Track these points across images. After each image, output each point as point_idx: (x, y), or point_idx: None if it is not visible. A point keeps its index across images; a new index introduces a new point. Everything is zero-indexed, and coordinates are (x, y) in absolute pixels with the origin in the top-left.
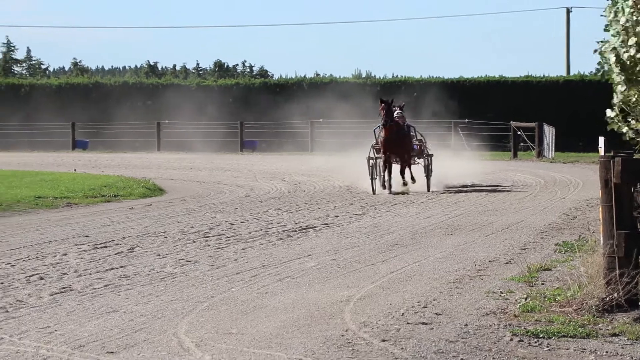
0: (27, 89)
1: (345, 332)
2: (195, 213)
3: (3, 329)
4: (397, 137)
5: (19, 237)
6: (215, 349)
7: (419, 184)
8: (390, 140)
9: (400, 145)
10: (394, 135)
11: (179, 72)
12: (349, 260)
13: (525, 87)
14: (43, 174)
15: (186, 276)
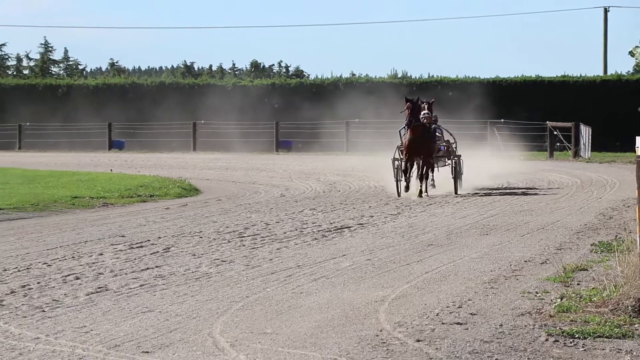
0: (64, 90)
1: (380, 332)
2: (231, 213)
3: (39, 329)
4: (422, 139)
5: (55, 236)
6: (250, 348)
7: (446, 187)
8: (414, 142)
9: (424, 147)
10: (419, 137)
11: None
12: (384, 261)
13: (562, 87)
14: (80, 174)
15: (221, 276)
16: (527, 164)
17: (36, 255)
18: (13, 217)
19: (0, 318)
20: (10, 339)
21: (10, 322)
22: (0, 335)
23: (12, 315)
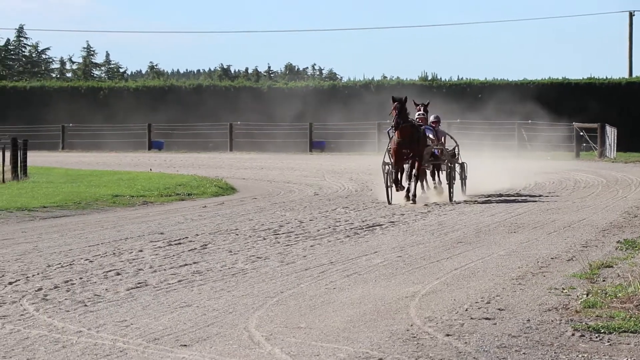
0: (105, 92)
1: (411, 327)
2: (266, 211)
3: (82, 322)
4: (411, 141)
5: (97, 234)
6: (284, 342)
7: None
8: (402, 144)
9: (413, 150)
10: (408, 139)
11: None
12: (414, 257)
13: (588, 89)
14: (120, 174)
15: (257, 272)
16: (554, 164)
17: (79, 251)
18: (57, 214)
19: (45, 312)
20: (53, 332)
21: (53, 316)
22: (45, 328)
23: (56, 310)
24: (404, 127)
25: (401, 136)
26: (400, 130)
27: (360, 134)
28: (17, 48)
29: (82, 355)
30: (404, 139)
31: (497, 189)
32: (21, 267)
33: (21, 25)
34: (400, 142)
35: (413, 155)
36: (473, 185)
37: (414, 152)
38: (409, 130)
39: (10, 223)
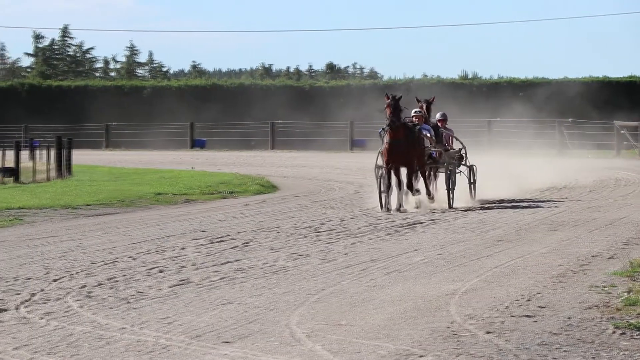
0: (149, 91)
1: (451, 324)
2: (307, 209)
3: (125, 319)
4: (405, 142)
5: (140, 231)
6: (325, 339)
7: (464, 199)
8: (395, 146)
9: (407, 152)
10: (402, 140)
11: (292, 73)
12: (455, 255)
13: (629, 87)
14: (163, 172)
15: (298, 270)
16: (595, 162)
17: (122, 249)
18: (100, 212)
19: (89, 309)
20: (97, 329)
21: (97, 313)
22: (89, 325)
23: (100, 306)
24: (397, 126)
25: (394, 137)
26: (393, 130)
27: None
28: (61, 48)
29: (125, 352)
30: (397, 139)
31: (537, 187)
32: (65, 265)
33: (66, 25)
34: (393, 143)
35: (408, 158)
36: (514, 183)
37: (410, 155)
38: (402, 130)
39: (55, 221)
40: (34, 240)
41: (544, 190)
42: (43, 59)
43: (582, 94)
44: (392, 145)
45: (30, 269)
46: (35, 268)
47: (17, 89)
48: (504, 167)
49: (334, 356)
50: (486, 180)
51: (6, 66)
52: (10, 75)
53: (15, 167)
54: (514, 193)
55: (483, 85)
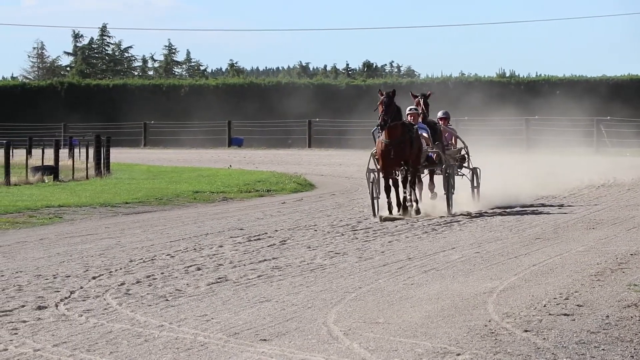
0: (186, 90)
1: (489, 323)
2: (344, 207)
3: (163, 317)
4: (402, 143)
5: (178, 229)
6: (362, 337)
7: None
8: (391, 147)
9: (404, 154)
10: (397, 141)
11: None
12: (492, 253)
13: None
14: (201, 170)
15: (335, 268)
16: (633, 160)
17: (160, 247)
18: (139, 210)
19: (127, 306)
20: (136, 326)
21: (136, 310)
22: (127, 322)
23: (138, 304)
24: (393, 126)
25: (389, 137)
26: (388, 130)
27: None
28: (100, 47)
29: (163, 349)
30: (393, 140)
31: (575, 185)
32: (104, 262)
33: (104, 24)
34: (388, 144)
35: (406, 161)
36: (551, 182)
37: (407, 157)
38: (400, 130)
39: (94, 219)
40: (73, 238)
41: (582, 189)
42: (82, 57)
43: (621, 91)
44: (386, 146)
45: (69, 267)
46: (74, 266)
47: (56, 87)
48: (541, 165)
49: (371, 354)
50: (523, 179)
51: (46, 65)
52: (49, 74)
53: (54, 166)
54: (552, 191)
55: (521, 84)
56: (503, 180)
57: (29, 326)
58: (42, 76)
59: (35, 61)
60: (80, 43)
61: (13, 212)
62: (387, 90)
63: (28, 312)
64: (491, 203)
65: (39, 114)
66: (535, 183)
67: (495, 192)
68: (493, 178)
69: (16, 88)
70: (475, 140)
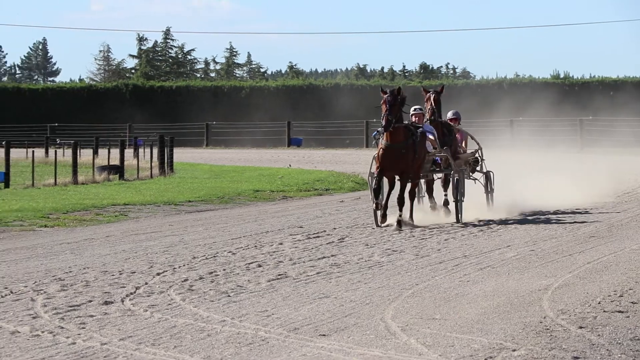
0: (247, 91)
1: (544, 319)
2: None
3: (225, 312)
4: (404, 147)
5: (239, 227)
6: (419, 333)
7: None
8: (391, 151)
9: (404, 159)
10: (399, 145)
11: (387, 74)
12: (547, 251)
13: None
14: (261, 169)
15: (392, 265)
16: None
17: (222, 244)
18: (201, 208)
19: (190, 302)
20: (199, 321)
21: (199, 306)
22: (190, 317)
23: (201, 300)
24: (396, 128)
25: (391, 139)
26: (390, 133)
27: (492, 130)
28: (164, 49)
29: (225, 344)
30: (394, 143)
31: (630, 185)
32: (168, 259)
33: (168, 28)
34: (388, 148)
35: (404, 166)
36: (607, 181)
37: (406, 162)
38: (403, 134)
39: (158, 216)
40: (138, 235)
41: (636, 188)
42: (146, 60)
43: None
44: (387, 150)
45: (134, 263)
46: (139, 262)
47: (121, 89)
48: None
49: (428, 349)
50: (581, 178)
51: (112, 67)
52: (115, 76)
53: (120, 165)
54: (608, 191)
55: (575, 85)
56: (559, 181)
57: (96, 321)
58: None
59: (102, 64)
60: (144, 46)
61: (80, 210)
62: (392, 88)
63: (95, 307)
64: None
65: (105, 115)
66: (591, 183)
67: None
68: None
69: (83, 90)
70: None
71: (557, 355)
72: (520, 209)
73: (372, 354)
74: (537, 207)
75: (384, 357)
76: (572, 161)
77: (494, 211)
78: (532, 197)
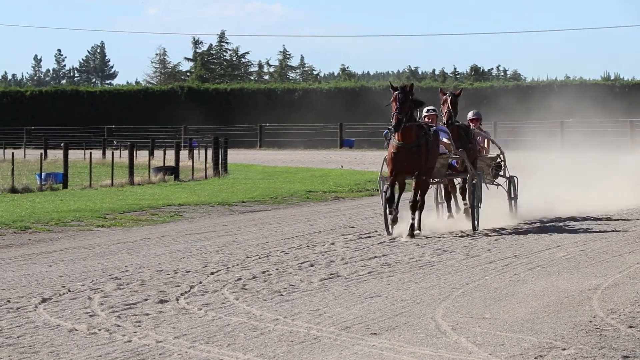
0: (300, 93)
1: (593, 319)
2: None
3: (278, 311)
4: (416, 148)
5: (292, 227)
6: (470, 332)
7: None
8: (403, 152)
9: (417, 161)
10: (411, 146)
11: (438, 76)
12: (597, 251)
13: None
14: (313, 170)
15: (443, 264)
16: None
17: (275, 244)
18: (255, 209)
19: (244, 300)
20: (252, 320)
21: (252, 305)
22: (244, 316)
23: (254, 298)
24: (407, 127)
25: (403, 139)
26: (402, 132)
27: (542, 132)
28: (218, 53)
29: (278, 342)
30: (407, 143)
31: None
32: (222, 258)
33: (222, 31)
34: (400, 149)
35: (418, 168)
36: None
37: (419, 163)
38: (415, 133)
39: (212, 217)
40: (192, 235)
41: None
42: (201, 63)
43: None
44: (399, 151)
45: (189, 263)
46: (193, 262)
47: (177, 92)
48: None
49: (479, 348)
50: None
51: (167, 70)
52: (171, 79)
53: (175, 166)
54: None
55: (625, 86)
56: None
57: (152, 319)
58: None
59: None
60: (199, 49)
61: (136, 210)
62: (404, 84)
63: (150, 306)
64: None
65: (161, 117)
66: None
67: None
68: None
69: (140, 92)
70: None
71: (607, 354)
72: (568, 209)
73: (422, 352)
74: (587, 207)
75: (434, 355)
76: (623, 162)
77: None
78: (581, 198)
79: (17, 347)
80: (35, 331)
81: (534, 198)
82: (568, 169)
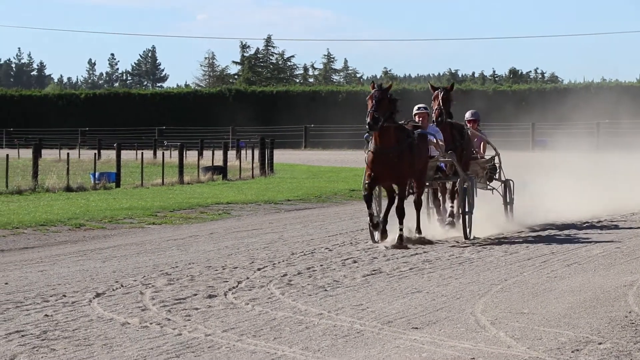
0: (343, 95)
1: (629, 314)
2: None
3: (322, 306)
4: (397, 154)
5: (336, 225)
6: (508, 326)
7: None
8: (382, 156)
9: (398, 166)
10: (390, 150)
11: (477, 78)
12: (633, 248)
13: None
14: (356, 170)
15: (482, 261)
16: None
17: (319, 241)
18: (299, 207)
19: (289, 296)
20: (297, 314)
21: (297, 300)
22: (289, 310)
23: (299, 294)
24: (386, 129)
25: (380, 142)
26: (379, 134)
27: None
28: (265, 56)
29: (322, 336)
30: (385, 149)
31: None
32: (268, 255)
33: (269, 36)
34: (378, 153)
35: (399, 174)
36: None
37: (403, 173)
38: (395, 136)
39: (259, 215)
40: (240, 233)
41: None
42: (249, 66)
43: None
44: (377, 155)
45: (236, 259)
46: (241, 258)
47: (225, 94)
48: None
49: (517, 342)
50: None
51: (216, 73)
52: (219, 82)
53: (223, 166)
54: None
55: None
56: None
57: (201, 313)
58: (213, 84)
59: (207, 70)
60: (247, 53)
61: (186, 209)
62: (380, 83)
63: (200, 300)
64: None
65: (209, 118)
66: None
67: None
68: None
69: (189, 94)
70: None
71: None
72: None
73: (462, 346)
74: (624, 205)
75: (474, 349)
76: None
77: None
78: (619, 197)
79: (72, 339)
80: (89, 325)
81: (567, 197)
82: (603, 170)
